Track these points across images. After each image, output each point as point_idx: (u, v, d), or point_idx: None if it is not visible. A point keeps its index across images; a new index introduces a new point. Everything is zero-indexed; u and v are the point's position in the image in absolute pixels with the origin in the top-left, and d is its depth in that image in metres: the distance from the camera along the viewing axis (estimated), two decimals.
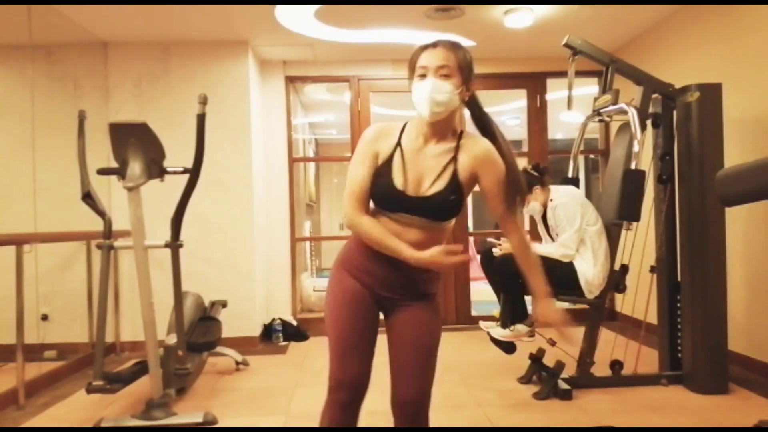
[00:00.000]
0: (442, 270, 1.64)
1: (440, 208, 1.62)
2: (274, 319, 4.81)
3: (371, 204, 1.68)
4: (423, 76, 1.60)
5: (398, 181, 1.61)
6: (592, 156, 7.27)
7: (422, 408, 1.67)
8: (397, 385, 1.66)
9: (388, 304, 1.69)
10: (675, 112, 3.33)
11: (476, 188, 1.70)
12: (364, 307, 1.67)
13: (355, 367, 1.65)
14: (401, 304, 1.68)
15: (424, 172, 1.62)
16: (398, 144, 1.64)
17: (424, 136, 1.65)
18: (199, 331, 3.49)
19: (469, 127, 1.77)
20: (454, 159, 1.63)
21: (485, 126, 1.72)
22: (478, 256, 3.78)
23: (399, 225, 1.62)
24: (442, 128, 1.64)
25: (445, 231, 1.68)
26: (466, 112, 1.75)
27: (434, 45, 1.61)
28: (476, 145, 1.65)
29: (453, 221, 1.69)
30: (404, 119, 1.72)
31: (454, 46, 1.62)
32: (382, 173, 1.62)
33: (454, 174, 1.62)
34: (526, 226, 6.60)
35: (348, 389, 1.64)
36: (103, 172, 2.95)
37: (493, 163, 1.64)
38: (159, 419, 2.76)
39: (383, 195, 1.63)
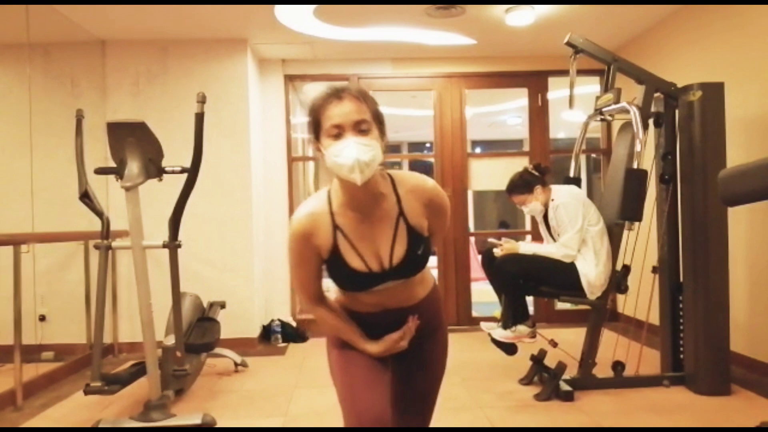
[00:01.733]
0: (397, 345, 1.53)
1: (413, 267, 1.52)
2: (273, 320, 4.79)
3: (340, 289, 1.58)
4: (337, 135, 1.38)
5: (356, 264, 1.47)
6: (593, 155, 7.25)
7: None
8: (404, 418, 1.61)
9: (402, 350, 1.57)
10: (677, 111, 3.31)
11: (475, 188, 1.67)
12: (380, 371, 1.55)
13: (372, 400, 1.46)
14: (410, 345, 1.55)
15: (377, 243, 1.47)
16: (335, 227, 1.47)
17: (357, 202, 1.46)
18: (198, 332, 3.48)
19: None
20: (401, 214, 1.48)
21: None
22: (479, 257, 3.77)
23: (378, 296, 1.53)
24: (374, 185, 1.45)
25: (425, 273, 1.59)
26: None
27: (339, 97, 1.40)
28: (419, 189, 1.51)
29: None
30: (407, 119, 1.65)
31: (361, 95, 1.42)
32: (334, 264, 1.48)
33: (409, 229, 1.48)
34: (527, 226, 6.60)
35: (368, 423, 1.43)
36: (101, 171, 2.93)
37: (443, 208, 1.55)
38: (157, 420, 2.74)
39: (349, 282, 1.51)
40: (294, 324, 4.88)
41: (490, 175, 5.31)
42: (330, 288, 1.59)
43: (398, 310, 1.54)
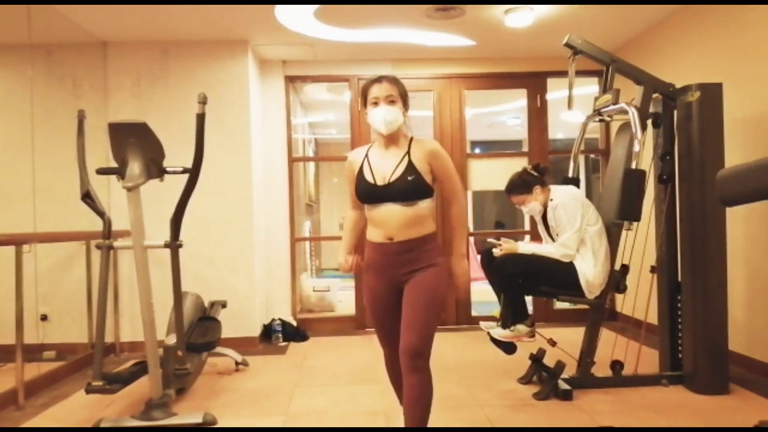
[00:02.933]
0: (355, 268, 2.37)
1: (404, 188, 2.15)
2: (273, 320, 4.81)
3: (365, 206, 2.27)
4: (375, 103, 2.19)
5: (369, 177, 2.21)
6: (592, 156, 7.26)
7: (419, 354, 2.09)
8: (402, 336, 2.13)
9: (403, 277, 2.20)
10: (675, 112, 3.32)
11: (474, 188, 1.94)
12: (387, 295, 2.25)
13: (389, 336, 2.29)
14: (409, 276, 2.18)
15: (386, 169, 2.20)
16: (366, 157, 2.26)
17: (383, 146, 2.25)
18: (199, 332, 3.49)
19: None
20: (407, 154, 2.20)
21: None
22: (479, 257, 3.78)
23: (385, 214, 2.18)
24: (395, 137, 2.24)
25: (423, 212, 2.18)
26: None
27: (380, 81, 2.20)
28: (425, 143, 2.23)
29: (427, 204, 2.19)
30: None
31: (395, 80, 2.22)
32: (359, 177, 2.25)
33: (409, 163, 2.17)
34: (527, 226, 6.61)
35: (390, 345, 2.29)
36: (102, 171, 2.94)
37: (440, 154, 2.22)
38: (158, 419, 2.76)
39: (363, 190, 2.23)
40: (295, 323, 4.90)
41: (489, 175, 5.33)
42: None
43: (399, 243, 2.17)
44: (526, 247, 3.47)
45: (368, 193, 2.21)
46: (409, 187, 2.14)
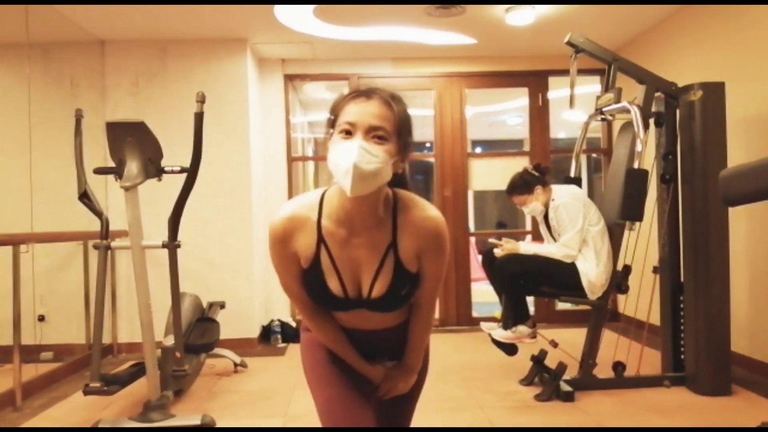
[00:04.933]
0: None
1: (393, 304, 1.35)
2: (272, 321, 4.79)
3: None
4: (348, 133, 1.22)
5: (333, 285, 1.31)
6: (594, 155, 7.24)
7: None
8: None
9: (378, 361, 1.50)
10: (678, 111, 3.30)
11: (475, 188, 1.55)
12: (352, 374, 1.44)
13: (356, 417, 1.33)
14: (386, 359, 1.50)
15: (359, 268, 1.31)
16: (320, 239, 1.30)
17: (346, 216, 1.28)
18: (197, 333, 3.47)
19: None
20: (392, 244, 1.29)
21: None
22: (480, 257, 3.76)
23: (353, 316, 1.39)
24: (371, 205, 1.27)
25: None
26: None
27: (367, 95, 1.24)
28: (421, 220, 1.30)
29: None
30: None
31: (393, 100, 1.26)
32: (311, 278, 1.33)
33: (398, 263, 1.30)
34: (528, 227, 6.58)
35: None
36: (100, 171, 2.92)
37: (442, 247, 1.32)
38: (157, 421, 2.73)
39: (321, 300, 1.36)
40: (294, 324, 4.87)
41: (490, 175, 5.31)
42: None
43: (371, 332, 1.42)
44: (527, 247, 3.45)
45: (331, 305, 1.37)
46: (403, 301, 1.36)
